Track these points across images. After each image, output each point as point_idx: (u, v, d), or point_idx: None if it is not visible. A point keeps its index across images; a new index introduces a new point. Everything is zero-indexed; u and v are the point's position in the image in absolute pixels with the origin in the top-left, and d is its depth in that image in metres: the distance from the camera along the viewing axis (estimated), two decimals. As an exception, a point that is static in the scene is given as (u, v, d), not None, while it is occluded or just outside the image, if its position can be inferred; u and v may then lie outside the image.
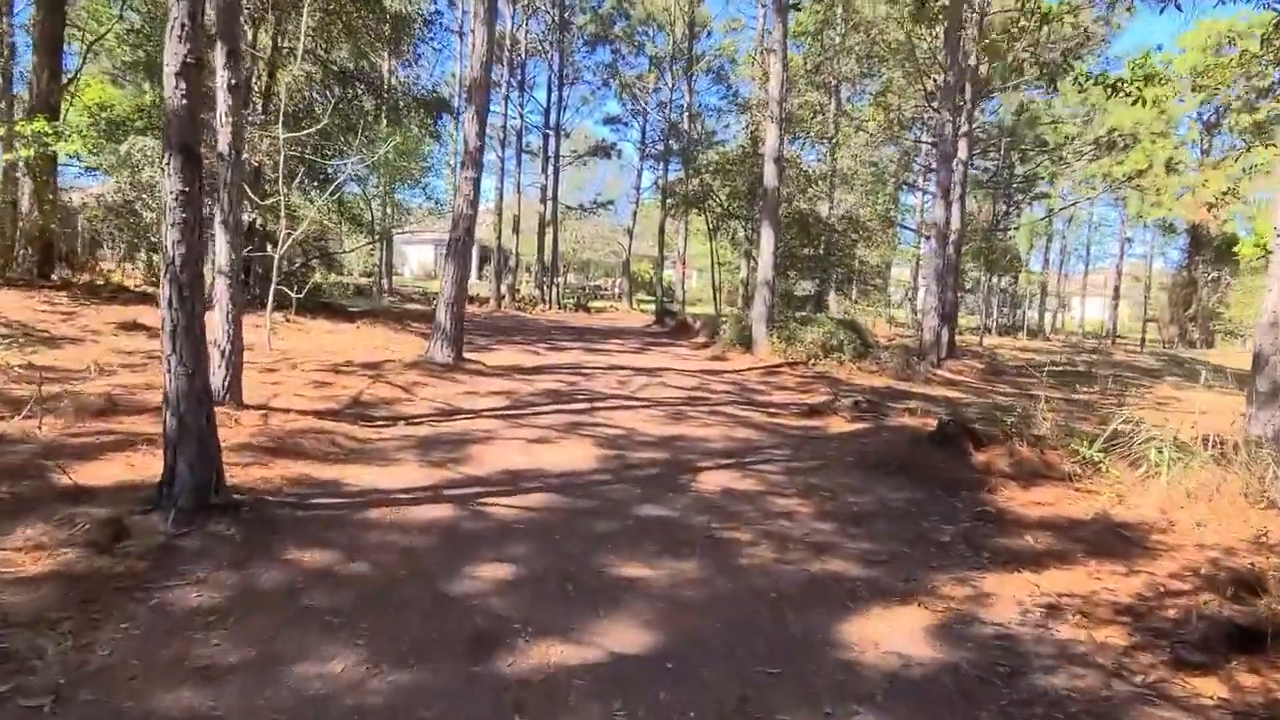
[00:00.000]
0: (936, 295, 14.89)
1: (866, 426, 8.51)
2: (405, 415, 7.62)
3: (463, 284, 10.30)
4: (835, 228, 18.74)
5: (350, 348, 11.24)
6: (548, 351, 13.86)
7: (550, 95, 33.60)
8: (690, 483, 5.94)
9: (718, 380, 11.64)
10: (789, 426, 8.45)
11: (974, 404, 11.22)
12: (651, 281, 40.77)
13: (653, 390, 10.16)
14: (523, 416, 7.95)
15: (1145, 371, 21.14)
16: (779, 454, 7.08)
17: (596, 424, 7.83)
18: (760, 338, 14.24)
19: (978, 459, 6.53)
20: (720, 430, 7.95)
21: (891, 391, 11.71)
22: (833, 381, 12.08)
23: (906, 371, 13.62)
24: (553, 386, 9.85)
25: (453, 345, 10.21)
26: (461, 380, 9.63)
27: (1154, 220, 36.36)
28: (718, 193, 18.58)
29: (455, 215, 10.32)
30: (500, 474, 5.82)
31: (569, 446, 6.81)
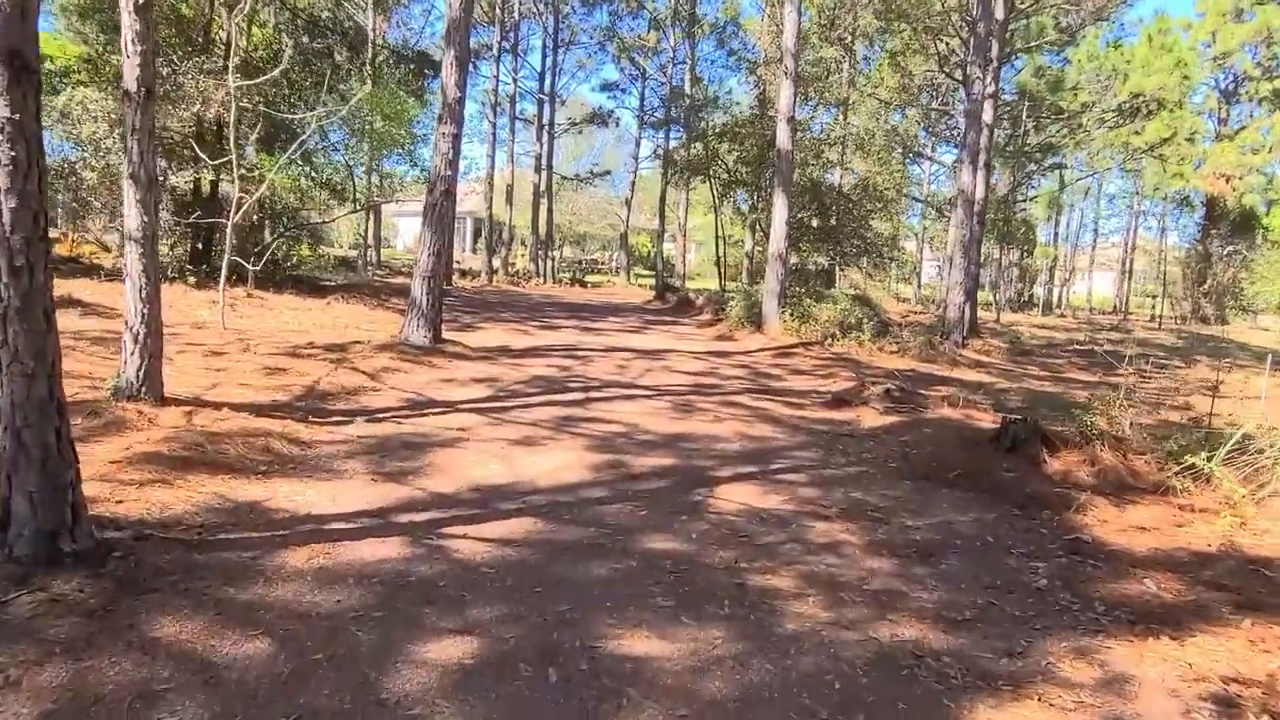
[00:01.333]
0: (963, 269, 13.72)
1: (903, 420, 7.40)
2: (367, 409, 6.48)
3: (441, 255, 9.13)
4: (850, 196, 17.46)
5: (317, 327, 10.08)
6: (539, 331, 12.70)
7: (545, 60, 32.10)
8: (706, 499, 4.81)
9: (727, 363, 10.50)
10: (814, 420, 7.32)
11: (1011, 389, 10.11)
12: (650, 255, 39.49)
13: (656, 376, 9.02)
14: (506, 410, 6.81)
15: (1172, 351, 20.02)
16: (808, 458, 5.96)
17: (591, 419, 6.69)
18: (771, 315, 13.08)
19: (1052, 467, 5.41)
20: (735, 426, 6.82)
21: (919, 375, 10.59)
22: (853, 364, 10.95)
23: (930, 352, 12.49)
24: (543, 372, 8.69)
25: (430, 325, 9.05)
26: (438, 365, 8.47)
27: (1171, 192, 35.07)
28: (724, 158, 17.31)
29: (432, 176, 9.09)
30: (471, 490, 4.69)
31: (558, 450, 5.68)
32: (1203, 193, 36.17)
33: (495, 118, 26.74)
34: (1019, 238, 25.27)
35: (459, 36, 8.98)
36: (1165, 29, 34.27)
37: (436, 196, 8.97)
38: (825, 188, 17.21)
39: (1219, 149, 34.54)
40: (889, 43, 18.86)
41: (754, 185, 16.96)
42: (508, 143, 31.30)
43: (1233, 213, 36.04)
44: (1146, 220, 41.00)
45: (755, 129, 16.50)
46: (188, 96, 10.39)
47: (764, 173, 16.74)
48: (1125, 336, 22.14)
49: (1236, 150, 34.68)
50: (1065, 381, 11.86)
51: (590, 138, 48.84)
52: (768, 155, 16.20)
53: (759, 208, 17.54)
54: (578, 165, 45.22)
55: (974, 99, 13.50)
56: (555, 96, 32.64)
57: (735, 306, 14.21)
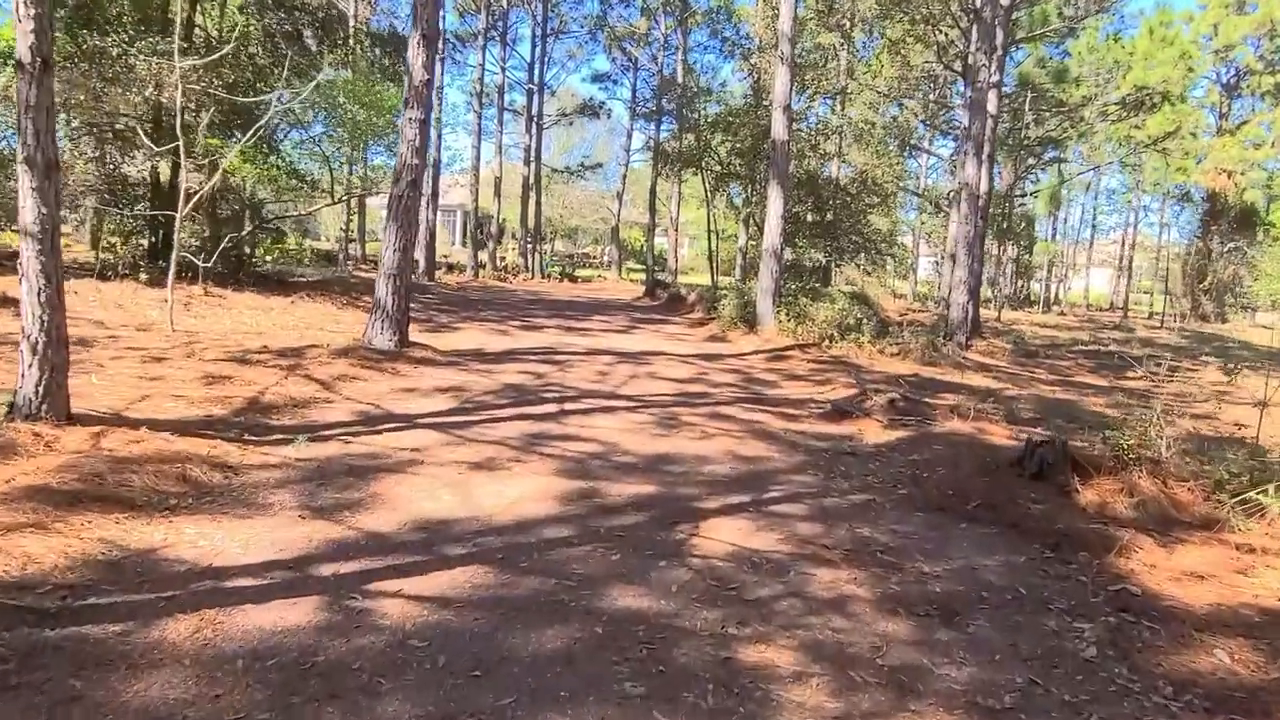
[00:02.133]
0: (967, 267, 13.06)
1: (910, 435, 6.75)
2: (314, 425, 5.79)
3: (408, 252, 8.41)
4: (848, 190, 16.76)
5: (277, 328, 9.38)
6: (519, 331, 12.00)
7: (534, 49, 31.33)
8: (689, 538, 4.15)
9: (718, 368, 9.83)
10: (812, 435, 6.66)
11: (1021, 397, 9.46)
12: (642, 249, 38.80)
13: (640, 384, 8.34)
14: (469, 426, 6.12)
15: (1176, 350, 19.45)
16: (806, 483, 5.29)
17: (565, 436, 6.01)
18: (765, 315, 12.41)
19: (1085, 497, 4.75)
20: (725, 444, 6.15)
21: (923, 381, 9.94)
22: (853, 369, 10.30)
23: (933, 355, 11.85)
24: (517, 380, 8.00)
25: (395, 327, 8.34)
26: (402, 372, 7.77)
27: (1172, 188, 34.50)
28: (717, 150, 16.59)
29: (398, 166, 8.39)
30: (415, 529, 4.01)
31: (523, 476, 5.00)
32: (1203, 188, 35.63)
33: (481, 108, 25.97)
34: (1019, 233, 24.63)
35: (426, 12, 8.26)
36: (1167, 21, 33.66)
37: (403, 188, 8.25)
38: (822, 181, 16.51)
39: (1221, 144, 33.93)
40: (888, 30, 18.18)
41: (748, 178, 16.27)
42: (496, 134, 30.56)
43: (1234, 208, 35.52)
44: (1146, 216, 40.44)
45: (749, 119, 15.80)
46: (140, 79, 9.66)
47: (758, 165, 16.05)
48: (1128, 336, 21.56)
49: (1238, 145, 34.09)
50: (1076, 387, 11.24)
51: (581, 130, 48.17)
52: (762, 146, 15.51)
53: (753, 201, 16.85)
54: (569, 158, 44.54)
55: (979, 87, 12.84)
56: (545, 87, 31.90)
57: (727, 305, 13.53)
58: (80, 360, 6.77)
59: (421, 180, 8.52)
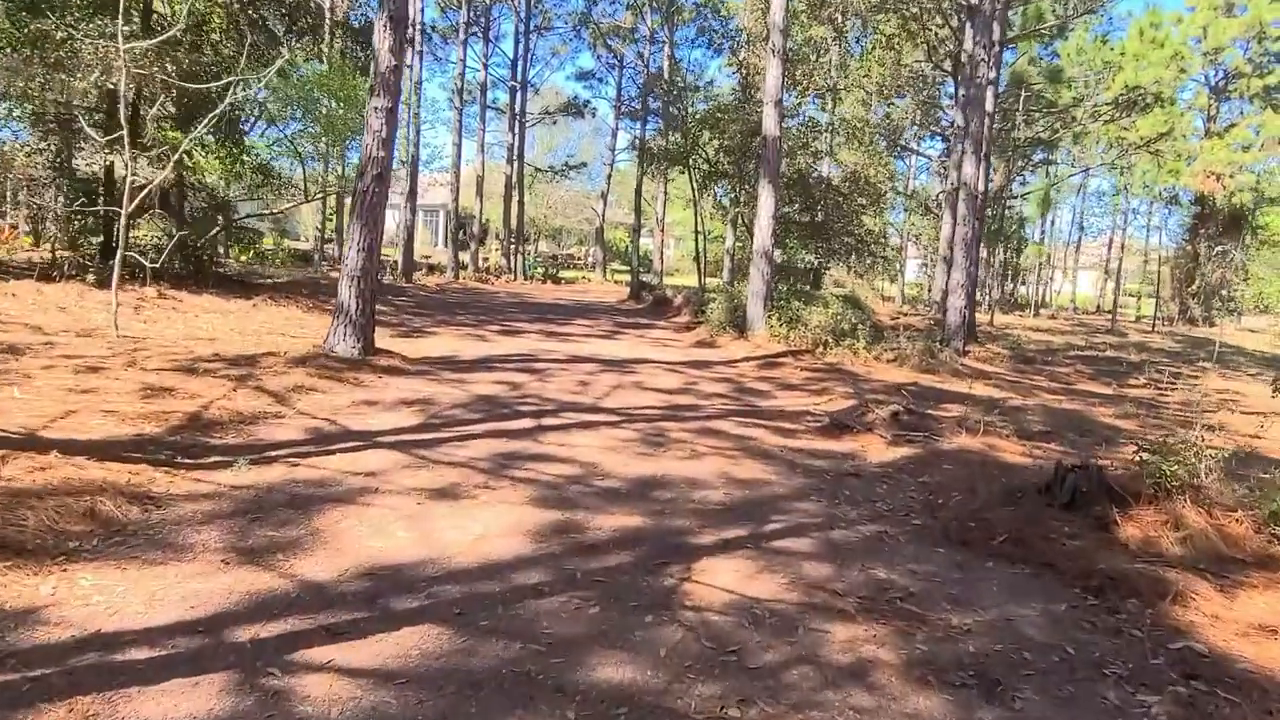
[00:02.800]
0: (965, 270, 12.57)
1: (917, 452, 6.23)
2: (259, 444, 5.18)
3: (373, 252, 7.80)
4: (840, 189, 16.23)
5: (234, 333, 8.73)
6: (497, 336, 11.38)
7: (517, 46, 30.70)
8: (681, 584, 3.58)
9: (708, 377, 9.28)
10: (812, 453, 6.12)
11: (1026, 407, 8.96)
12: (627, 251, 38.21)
13: (624, 395, 7.76)
14: (435, 444, 5.52)
15: (1171, 356, 19.12)
16: (810, 511, 4.74)
17: (541, 457, 5.43)
18: (756, 319, 11.86)
19: (1126, 531, 4.22)
20: (718, 464, 5.59)
21: (923, 390, 9.44)
22: (849, 377, 9.78)
23: (931, 361, 11.36)
24: (490, 391, 7.40)
25: (359, 333, 7.72)
26: (364, 383, 7.15)
27: (1161, 190, 34.33)
28: (704, 147, 16.04)
29: (363, 159, 7.77)
30: (360, 576, 3.42)
31: (491, 506, 4.42)
32: (1191, 191, 35.47)
33: (462, 103, 25.29)
34: (1010, 236, 24.27)
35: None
36: (1156, 23, 33.53)
37: (368, 182, 7.64)
38: (813, 179, 15.98)
39: (1209, 146, 33.78)
40: (881, 25, 17.67)
41: (736, 177, 15.72)
42: (478, 133, 29.91)
43: (1222, 211, 35.40)
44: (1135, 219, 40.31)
45: (738, 115, 15.24)
46: (86, 64, 8.99)
47: (747, 163, 15.51)
48: (1122, 341, 21.23)
49: (1227, 148, 33.95)
50: (1080, 395, 10.78)
51: (566, 129, 47.57)
52: (751, 144, 14.98)
53: (741, 201, 16.31)
54: (553, 157, 43.88)
55: (978, 83, 12.37)
56: (528, 84, 31.28)
57: (716, 309, 12.98)
58: (5, 371, 6.13)
59: (388, 174, 7.90)
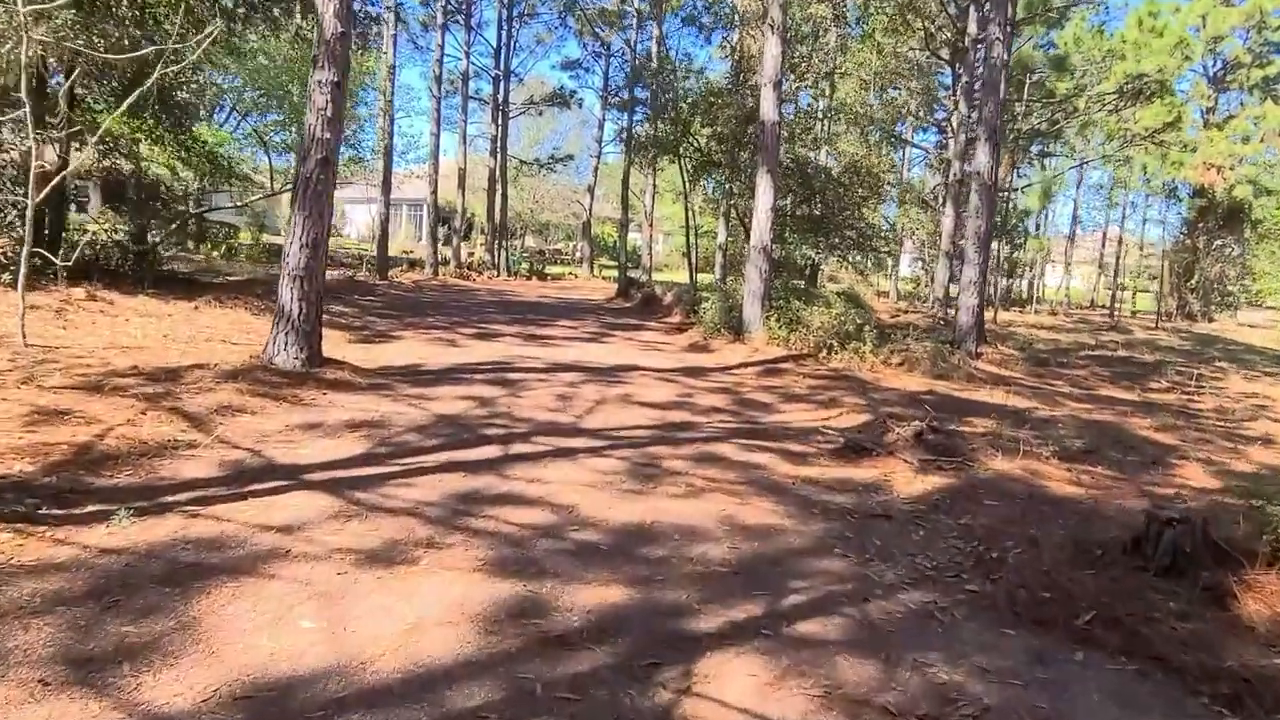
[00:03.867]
0: (977, 266, 11.66)
1: (951, 482, 5.31)
2: (156, 485, 4.20)
3: (319, 247, 6.77)
4: (841, 180, 15.26)
5: (167, 340, 7.71)
6: (470, 341, 10.36)
7: (500, 34, 29.59)
8: (678, 703, 2.64)
9: (704, 387, 8.32)
10: (829, 485, 5.18)
11: (1056, 419, 8.05)
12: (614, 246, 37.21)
13: (610, 412, 6.79)
14: (377, 482, 4.55)
15: (1184, 354, 18.32)
16: (836, 572, 3.80)
17: (506, 498, 4.46)
18: (754, 321, 10.92)
19: (1248, 607, 3.30)
20: (720, 505, 4.64)
21: (940, 399, 8.53)
22: (858, 385, 8.85)
23: (943, 365, 10.46)
24: (454, 409, 6.41)
25: (304, 341, 6.71)
26: (306, 401, 6.15)
27: (1163, 183, 33.60)
28: (695, 135, 15.02)
29: (305, 141, 6.74)
30: (230, 703, 2.45)
31: (432, 574, 3.45)
32: (1189, 184, 34.76)
33: (441, 92, 24.16)
34: (1012, 229, 23.42)
35: (343, -49, 6.66)
36: (1155, 11, 32.71)
37: (311, 168, 6.62)
38: (812, 169, 14.99)
39: (1209, 138, 33.05)
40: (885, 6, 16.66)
41: (729, 166, 14.73)
42: (460, 124, 28.81)
43: (1221, 204, 34.74)
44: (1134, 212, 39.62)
45: (732, 100, 14.23)
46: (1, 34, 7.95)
47: (740, 153, 14.56)
48: (1129, 339, 20.42)
49: (1226, 140, 33.24)
50: (1105, 403, 9.90)
51: (552, 121, 46.40)
52: (746, 132, 14.03)
53: (735, 193, 15.34)
54: (539, 150, 42.77)
55: (992, 64, 11.45)
56: (511, 74, 30.19)
57: (710, 309, 12.00)
58: None
59: (336, 159, 6.88)
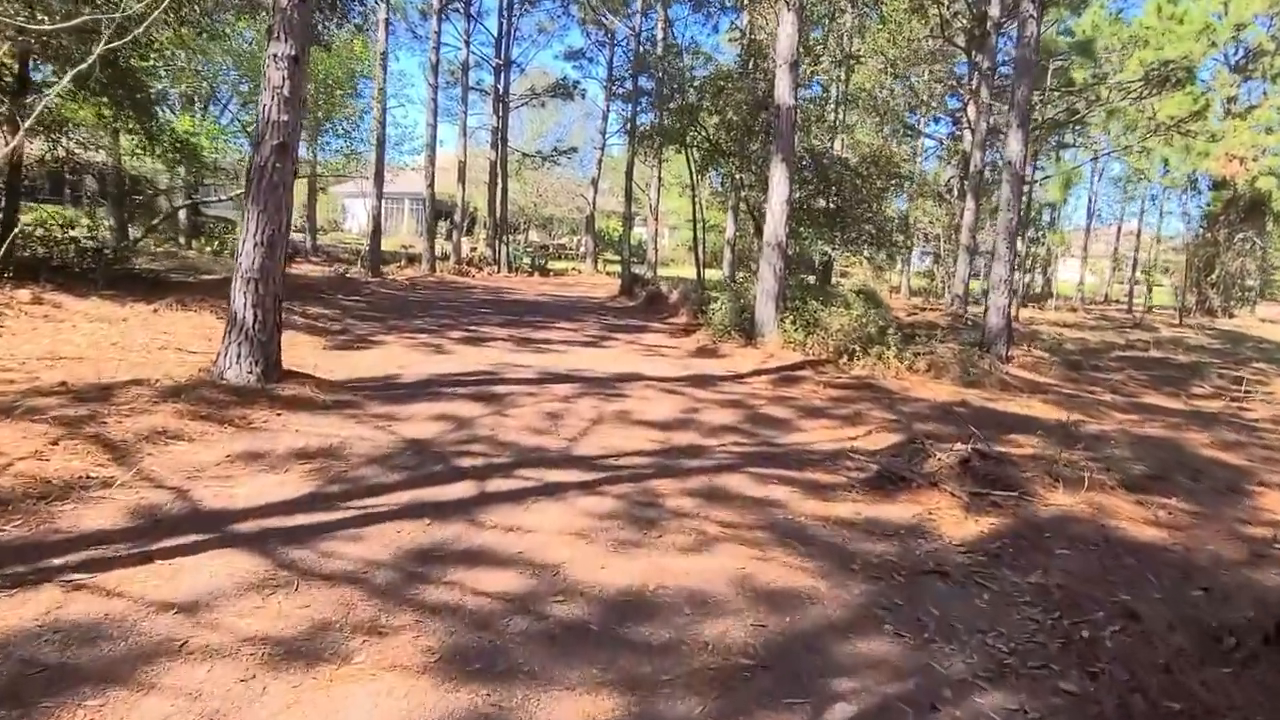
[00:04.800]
0: (1007, 262, 10.79)
1: (1009, 523, 4.50)
2: (46, 541, 3.40)
3: (276, 246, 5.93)
4: (859, 171, 14.31)
5: (113, 349, 6.91)
6: (458, 346, 9.54)
7: (501, 23, 28.73)
8: None
9: (713, 399, 7.47)
10: (864, 529, 4.34)
11: (1108, 434, 7.19)
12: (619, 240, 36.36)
13: (607, 433, 5.96)
14: (319, 534, 3.73)
15: (1216, 353, 17.44)
16: (891, 662, 2.97)
17: (476, 554, 3.64)
18: (767, 323, 10.07)
19: None
20: (735, 560, 3.81)
21: (975, 412, 7.68)
22: (883, 395, 8.01)
23: (974, 371, 9.61)
24: (427, 432, 5.58)
25: (259, 353, 5.89)
26: (256, 424, 5.33)
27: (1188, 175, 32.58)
28: (703, 123, 14.09)
29: (259, 126, 5.90)
30: None
31: (366, 681, 2.63)
32: (1209, 176, 33.74)
33: (437, 80, 23.29)
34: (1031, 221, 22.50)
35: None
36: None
37: (266, 155, 5.80)
38: (828, 159, 14.05)
39: (1231, 128, 31.99)
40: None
41: (739, 156, 13.82)
42: (459, 115, 27.99)
43: (1243, 197, 33.72)
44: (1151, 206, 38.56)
45: (743, 84, 13.31)
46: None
47: (750, 142, 13.68)
48: (1156, 337, 19.52)
49: (1249, 130, 32.17)
50: (1151, 412, 9.04)
51: (556, 113, 45.57)
52: (757, 119, 13.15)
53: (745, 184, 14.45)
54: (542, 143, 41.92)
55: (1025, 44, 10.55)
56: (512, 64, 29.33)
57: (720, 309, 11.14)
58: None
59: (295, 144, 6.04)
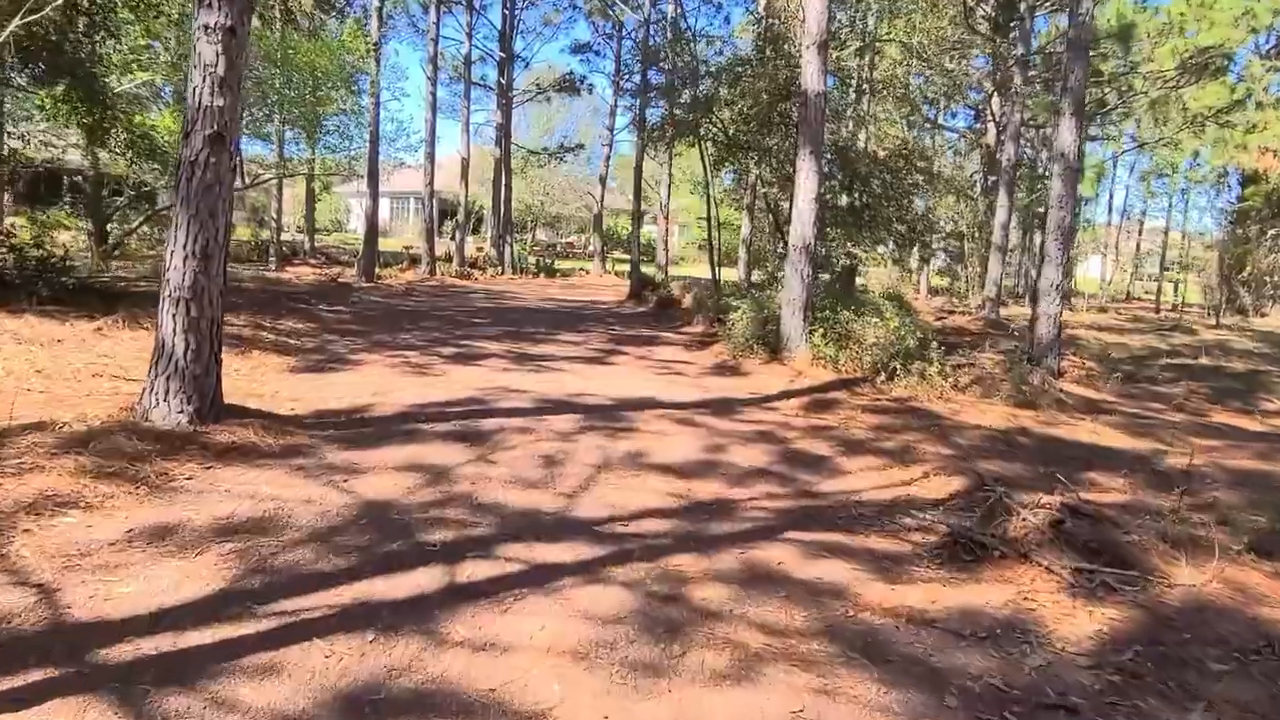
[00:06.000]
0: (1058, 265, 9.69)
1: (1134, 618, 3.45)
2: None
3: (213, 257, 4.84)
4: (889, 165, 13.13)
5: (29, 380, 5.91)
6: (447, 365, 8.47)
7: (505, 15, 27.73)
8: None
9: (739, 432, 6.40)
10: (950, 631, 3.29)
11: (1200, 473, 6.10)
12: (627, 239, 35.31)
13: (614, 483, 4.90)
14: (207, 674, 2.70)
15: (1266, 359, 16.28)
16: None
17: (429, 702, 2.60)
18: (794, 336, 9.01)
19: None
20: (791, 695, 2.75)
21: (1038, 443, 6.62)
22: (931, 423, 6.94)
23: (1026, 389, 8.53)
24: (391, 489, 4.49)
25: (192, 388, 4.81)
26: (176, 482, 4.28)
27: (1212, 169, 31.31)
28: (718, 114, 12.93)
29: (189, 112, 4.85)
30: None
31: None
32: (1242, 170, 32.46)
33: (435, 73, 22.26)
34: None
35: None
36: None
37: (197, 149, 4.75)
38: (854, 153, 12.86)
39: (1264, 119, 30.68)
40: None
41: (760, 149, 12.68)
42: (462, 111, 26.99)
43: (1275, 191, 32.38)
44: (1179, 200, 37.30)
45: (764, 71, 12.15)
46: None
47: (770, 134, 12.58)
48: (1199, 341, 18.34)
49: (1277, 121, 30.84)
50: (1230, 436, 7.95)
51: (563, 110, 44.51)
52: (776, 110, 12.08)
53: (766, 180, 13.36)
54: (549, 140, 40.89)
55: (1080, 21, 9.47)
56: (517, 57, 28.33)
57: (741, 320, 10.03)
58: None
59: (235, 135, 4.99)
